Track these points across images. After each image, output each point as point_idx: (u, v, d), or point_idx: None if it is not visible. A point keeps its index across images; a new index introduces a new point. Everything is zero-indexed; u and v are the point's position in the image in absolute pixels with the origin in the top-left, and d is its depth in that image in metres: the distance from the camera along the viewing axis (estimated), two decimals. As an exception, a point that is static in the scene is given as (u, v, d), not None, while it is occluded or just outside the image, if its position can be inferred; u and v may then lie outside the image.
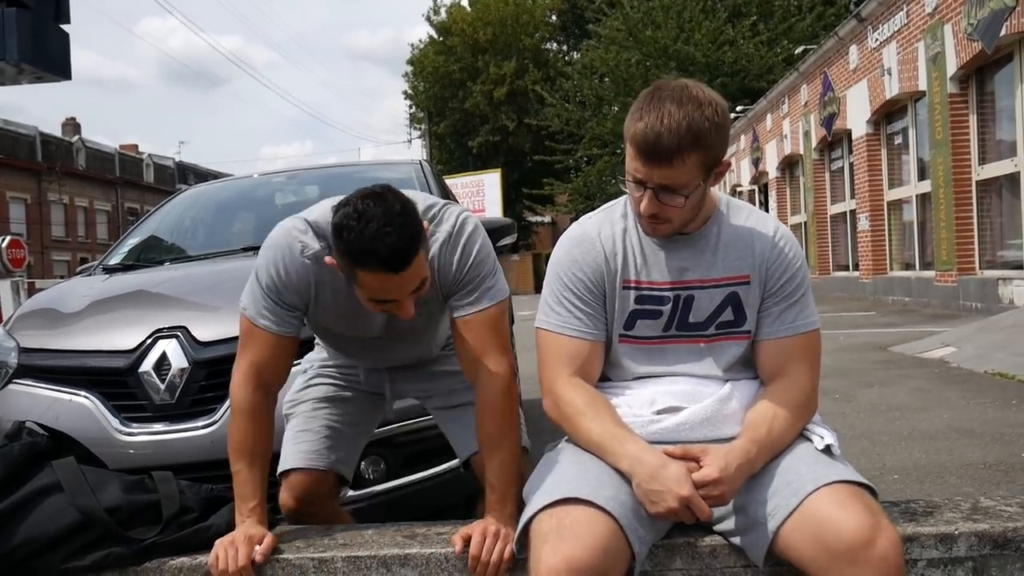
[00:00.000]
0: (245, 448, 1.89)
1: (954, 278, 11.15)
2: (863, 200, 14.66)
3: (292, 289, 1.89)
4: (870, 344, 8.29)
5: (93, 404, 2.52)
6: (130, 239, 3.94)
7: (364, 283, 1.76)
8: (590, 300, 1.86)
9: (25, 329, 2.86)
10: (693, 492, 1.62)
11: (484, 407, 1.91)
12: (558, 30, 40.75)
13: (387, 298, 1.78)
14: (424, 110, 40.86)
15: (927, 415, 4.93)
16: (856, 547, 1.51)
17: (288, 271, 1.88)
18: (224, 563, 1.78)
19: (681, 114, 1.65)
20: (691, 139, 1.65)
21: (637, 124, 1.68)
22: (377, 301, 1.80)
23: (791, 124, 18.91)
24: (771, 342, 1.84)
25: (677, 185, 1.69)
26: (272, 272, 1.89)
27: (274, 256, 1.89)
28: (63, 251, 43.31)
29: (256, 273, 1.91)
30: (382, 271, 1.71)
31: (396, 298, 1.78)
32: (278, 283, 1.88)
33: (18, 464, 1.93)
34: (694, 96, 1.69)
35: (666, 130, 1.64)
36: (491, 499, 1.86)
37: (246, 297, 1.93)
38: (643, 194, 1.73)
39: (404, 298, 1.79)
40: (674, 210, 1.74)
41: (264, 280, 1.89)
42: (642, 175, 1.70)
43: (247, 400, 1.90)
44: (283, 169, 4.73)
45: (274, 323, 1.90)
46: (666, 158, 1.66)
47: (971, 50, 10.16)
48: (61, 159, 43.08)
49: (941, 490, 3.44)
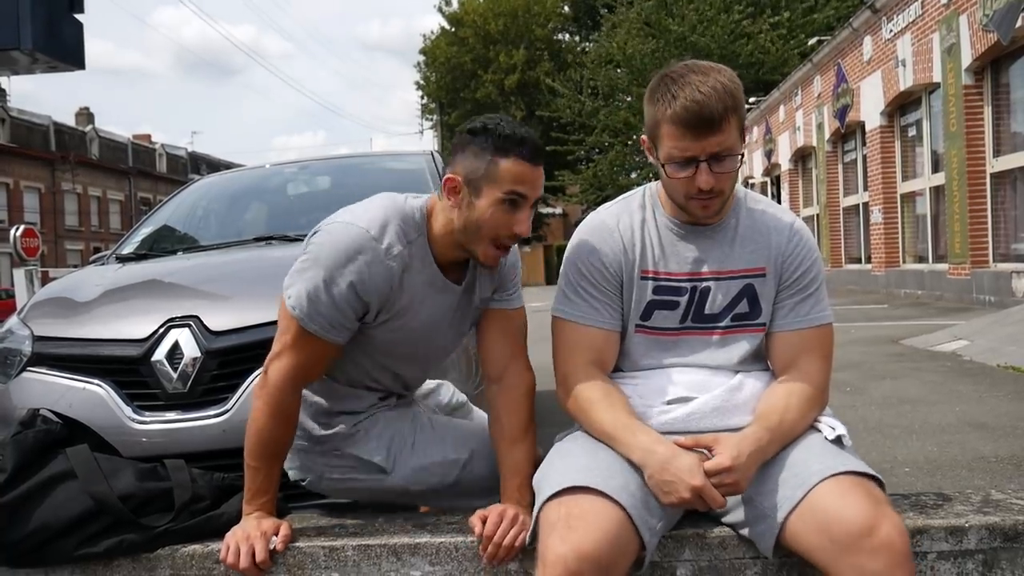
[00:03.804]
0: (272, 449, 1.86)
1: (967, 271, 11.09)
2: (876, 192, 14.59)
3: (374, 292, 1.82)
4: (882, 337, 8.26)
5: (106, 392, 2.54)
6: (143, 228, 3.96)
7: (505, 175, 1.79)
8: (607, 289, 1.86)
9: (39, 317, 2.88)
10: (705, 481, 1.62)
11: (512, 402, 1.94)
12: (570, 20, 40.62)
13: (523, 192, 1.80)
14: (436, 100, 40.87)
15: (939, 408, 4.91)
16: (859, 535, 1.52)
17: (371, 276, 1.80)
18: (243, 560, 1.78)
19: (711, 81, 1.68)
20: (731, 100, 1.68)
21: (673, 104, 1.68)
22: (510, 203, 1.79)
23: (804, 116, 18.81)
24: (785, 334, 1.84)
25: (727, 149, 1.70)
26: (353, 279, 1.79)
27: (354, 265, 1.78)
28: (76, 240, 43.56)
29: (323, 281, 1.79)
30: (527, 160, 1.79)
31: (529, 195, 1.81)
32: (358, 290, 1.80)
33: (32, 451, 1.94)
34: (708, 66, 1.73)
35: (707, 97, 1.66)
36: (512, 484, 1.88)
37: (302, 302, 1.80)
38: (696, 170, 1.71)
39: (532, 200, 1.83)
40: (728, 178, 1.74)
41: (338, 290, 1.79)
42: (692, 150, 1.70)
43: (290, 403, 1.86)
44: (295, 159, 4.72)
45: (335, 332, 1.83)
46: (716, 123, 1.67)
47: (986, 41, 10.08)
48: (75, 149, 43.30)
49: (952, 483, 3.43)
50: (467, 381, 2.73)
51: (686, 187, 1.75)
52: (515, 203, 1.81)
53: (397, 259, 1.82)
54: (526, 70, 37.43)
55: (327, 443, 1.98)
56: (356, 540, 1.87)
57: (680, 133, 1.69)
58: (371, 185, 2.24)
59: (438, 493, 2.03)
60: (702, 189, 1.72)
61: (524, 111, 37.92)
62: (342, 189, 3.93)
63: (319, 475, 2.02)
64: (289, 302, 1.83)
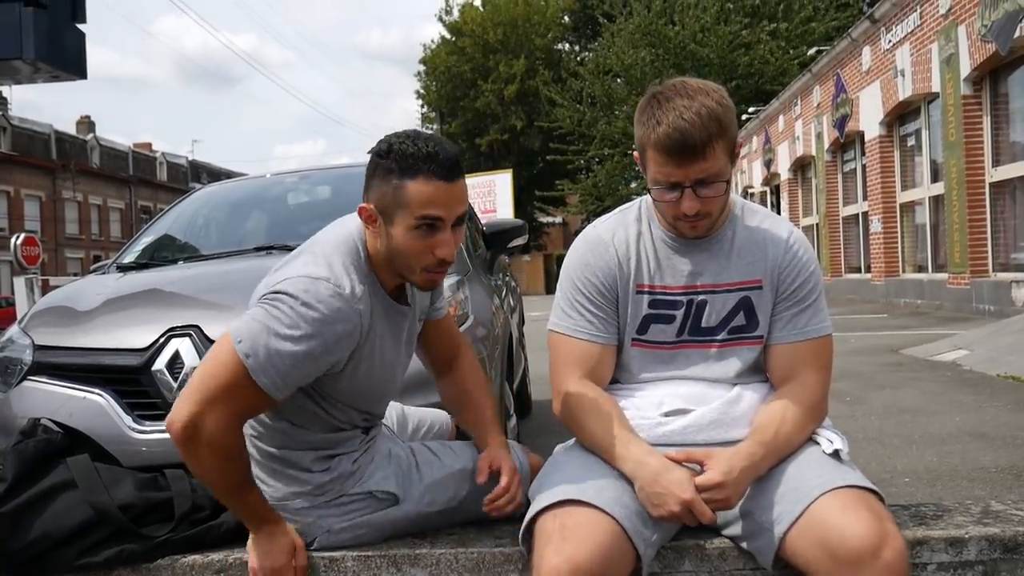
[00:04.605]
0: (239, 478, 1.76)
1: (967, 280, 11.10)
2: (875, 202, 14.60)
3: (346, 347, 1.74)
4: (882, 347, 8.25)
5: (106, 402, 2.54)
6: (144, 237, 3.96)
7: (413, 198, 1.69)
8: (602, 304, 1.86)
9: (40, 327, 2.89)
10: (695, 496, 1.62)
11: (469, 366, 2.13)
12: (570, 30, 40.73)
13: (437, 215, 1.70)
14: (436, 110, 40.92)
15: (939, 418, 4.90)
16: (862, 555, 1.51)
17: (344, 330, 1.71)
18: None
19: (696, 106, 1.66)
20: (716, 126, 1.66)
21: (657, 129, 1.67)
22: (426, 228, 1.70)
23: (803, 126, 18.85)
24: (783, 346, 1.84)
25: (712, 176, 1.69)
26: (326, 338, 1.69)
27: (326, 324, 1.68)
28: (77, 249, 43.57)
29: (289, 338, 1.67)
30: (437, 178, 1.69)
31: (444, 216, 1.71)
32: (330, 347, 1.70)
33: (33, 461, 1.95)
34: (697, 88, 1.70)
35: (690, 124, 1.64)
36: (493, 431, 2.03)
37: (258, 352, 1.66)
38: (681, 196, 1.71)
39: (450, 221, 1.73)
40: (715, 201, 1.73)
41: (305, 350, 1.67)
42: (676, 176, 1.69)
43: (236, 439, 1.74)
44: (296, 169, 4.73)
45: (285, 391, 1.72)
46: (699, 151, 1.65)
47: (985, 51, 10.11)
48: (75, 157, 43.38)
49: (952, 494, 3.42)
50: None
51: (672, 210, 1.75)
52: (432, 226, 1.72)
53: (362, 300, 1.74)
54: (526, 80, 37.51)
55: (328, 491, 1.87)
56: (355, 551, 1.87)
57: (663, 159, 1.68)
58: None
59: (452, 511, 1.99)
60: (687, 214, 1.73)
61: (524, 120, 38.02)
62: (342, 198, 3.94)
63: (327, 531, 1.88)
64: (241, 347, 1.67)
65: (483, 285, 3.45)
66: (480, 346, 2.95)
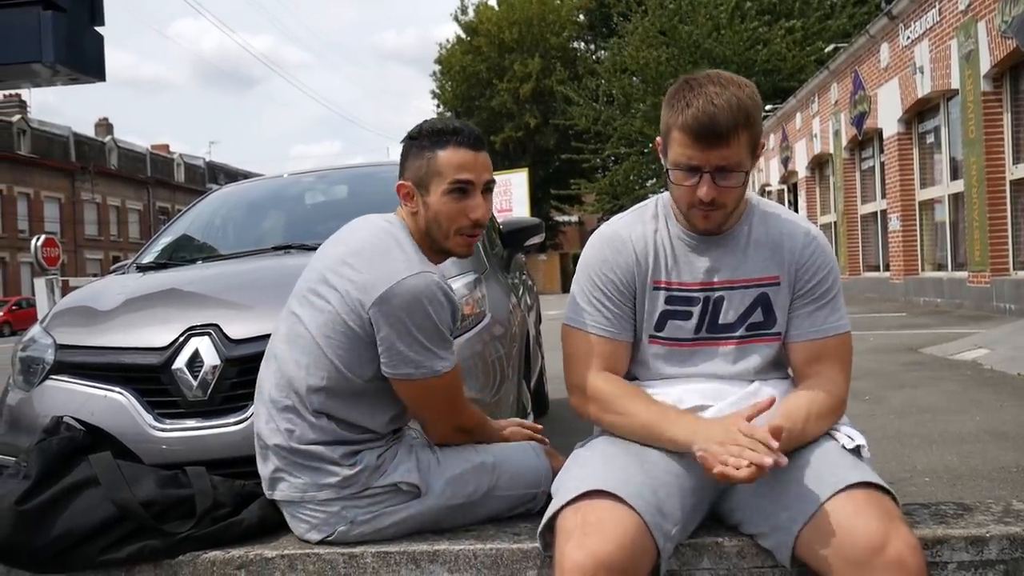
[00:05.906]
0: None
1: (987, 279, 11.00)
2: (894, 200, 14.50)
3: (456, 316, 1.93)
4: (901, 345, 8.20)
5: (128, 400, 2.56)
6: (163, 238, 3.99)
7: (445, 166, 1.90)
8: (619, 300, 1.86)
9: (61, 326, 2.91)
10: (767, 435, 1.56)
11: None
12: (585, 29, 40.69)
13: (467, 178, 1.90)
14: (452, 109, 41.00)
15: (959, 418, 4.87)
16: (869, 552, 1.51)
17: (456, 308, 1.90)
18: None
19: (728, 94, 1.68)
20: (743, 116, 1.68)
21: (686, 111, 1.68)
22: (459, 192, 1.89)
23: (821, 123, 18.74)
24: (801, 344, 1.84)
25: (732, 164, 1.70)
26: (451, 310, 1.87)
27: (437, 302, 1.84)
28: (96, 250, 43.95)
29: (434, 326, 1.84)
30: (464, 147, 1.91)
31: (475, 180, 1.91)
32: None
33: (56, 458, 1.97)
34: (730, 79, 1.72)
35: (719, 110, 1.66)
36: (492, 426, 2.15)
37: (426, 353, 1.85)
38: (699, 180, 1.72)
39: (480, 185, 1.92)
40: (731, 192, 1.74)
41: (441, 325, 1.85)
42: (697, 160, 1.70)
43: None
44: (312, 169, 4.75)
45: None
46: (723, 137, 1.67)
47: (1005, 48, 10.02)
48: (94, 159, 43.75)
49: (973, 493, 3.40)
50: (484, 389, 2.74)
51: (688, 196, 1.75)
52: (464, 191, 1.92)
53: (443, 277, 1.89)
54: (541, 78, 37.51)
55: (355, 483, 1.90)
56: (375, 547, 1.88)
57: (688, 141, 1.70)
58: (388, 193, 2.26)
59: (473, 506, 1.99)
60: (703, 200, 1.73)
61: (539, 119, 38.00)
62: (359, 198, 3.95)
63: (349, 521, 1.91)
64: (442, 364, 1.86)
65: (500, 283, 3.45)
66: (497, 344, 2.96)
